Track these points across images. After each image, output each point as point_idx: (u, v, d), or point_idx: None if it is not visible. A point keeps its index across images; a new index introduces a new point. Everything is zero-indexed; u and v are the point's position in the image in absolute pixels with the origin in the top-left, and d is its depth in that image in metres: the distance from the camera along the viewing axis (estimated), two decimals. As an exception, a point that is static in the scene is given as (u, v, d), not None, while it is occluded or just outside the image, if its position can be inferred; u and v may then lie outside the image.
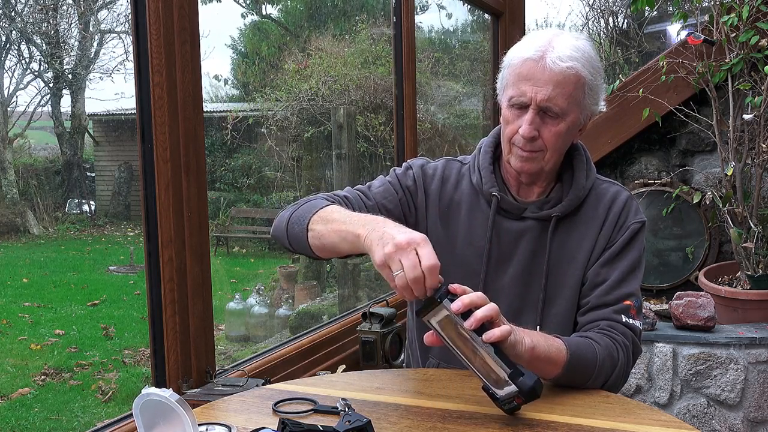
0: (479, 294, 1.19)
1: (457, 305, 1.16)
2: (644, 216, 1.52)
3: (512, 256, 1.49)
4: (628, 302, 1.43)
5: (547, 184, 1.52)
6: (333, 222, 1.34)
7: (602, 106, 1.49)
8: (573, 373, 1.32)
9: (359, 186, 1.57)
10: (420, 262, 1.16)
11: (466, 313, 1.16)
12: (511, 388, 1.16)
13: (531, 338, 1.26)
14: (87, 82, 13.81)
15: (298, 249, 1.44)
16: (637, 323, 1.44)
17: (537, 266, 1.48)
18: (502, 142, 1.49)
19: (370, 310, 2.40)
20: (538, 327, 1.45)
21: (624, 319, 1.42)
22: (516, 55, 1.44)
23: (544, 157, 1.44)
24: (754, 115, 3.12)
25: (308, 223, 1.38)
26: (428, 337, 1.23)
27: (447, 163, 1.59)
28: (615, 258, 1.46)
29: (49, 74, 13.49)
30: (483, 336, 1.16)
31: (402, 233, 1.20)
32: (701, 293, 3.06)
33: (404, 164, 1.61)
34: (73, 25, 13.20)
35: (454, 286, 1.19)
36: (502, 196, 1.50)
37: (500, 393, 1.18)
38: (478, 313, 1.16)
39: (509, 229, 1.50)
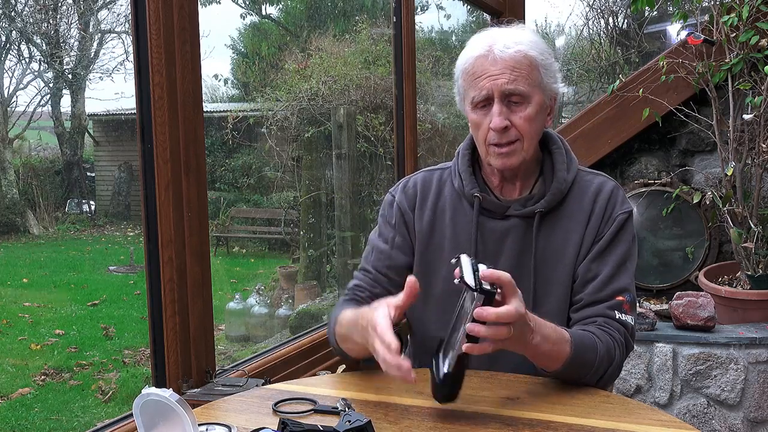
0: (508, 310, 1.16)
1: (480, 313, 1.14)
2: (631, 205, 1.51)
3: (499, 256, 1.49)
4: (620, 298, 1.43)
5: (528, 180, 1.52)
6: (348, 341, 1.42)
7: (562, 87, 1.50)
8: (572, 369, 1.32)
9: (364, 264, 1.58)
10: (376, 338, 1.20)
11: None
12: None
13: (541, 334, 1.26)
14: (87, 82, 13.82)
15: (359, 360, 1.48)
16: (629, 319, 1.43)
17: (524, 264, 1.47)
18: (478, 147, 1.50)
19: (370, 310, 2.40)
20: None
21: (617, 316, 1.41)
22: (465, 58, 1.46)
23: (522, 146, 1.44)
24: (754, 115, 3.11)
25: (338, 344, 1.48)
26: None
27: (425, 175, 1.60)
28: (604, 252, 1.45)
29: (49, 74, 13.49)
30: (464, 346, 1.15)
31: (368, 321, 1.25)
32: (701, 293, 3.05)
33: (387, 198, 1.61)
34: (73, 25, 13.21)
35: (485, 273, 1.16)
36: (484, 196, 1.49)
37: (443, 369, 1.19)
38: (483, 332, 1.15)
39: (494, 229, 1.49)
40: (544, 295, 1.47)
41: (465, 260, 1.17)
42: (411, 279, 1.23)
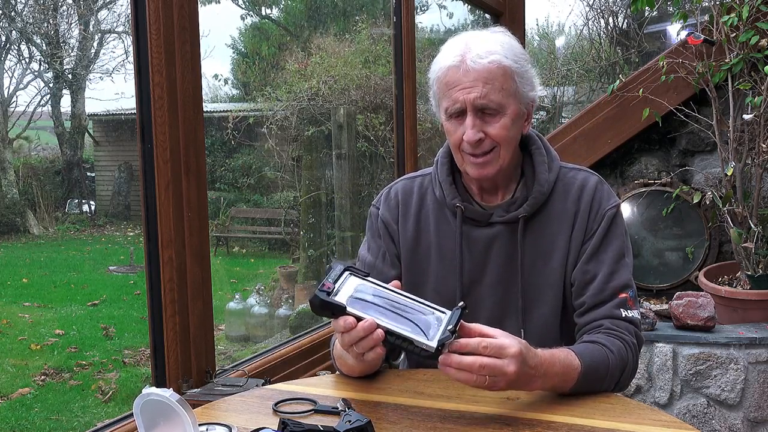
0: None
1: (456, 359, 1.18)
2: (618, 198, 1.49)
3: (486, 265, 1.46)
4: (623, 294, 1.41)
5: (510, 184, 1.49)
6: (342, 358, 1.39)
7: (540, 91, 1.46)
8: (583, 387, 1.30)
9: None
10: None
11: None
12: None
13: (543, 378, 1.24)
14: (87, 82, 13.84)
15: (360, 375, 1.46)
16: (635, 313, 1.41)
17: (512, 271, 1.45)
18: (454, 155, 1.47)
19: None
20: (522, 331, 1.43)
21: (623, 314, 1.39)
22: (438, 66, 1.42)
23: (499, 154, 1.41)
24: (754, 115, 3.11)
25: (337, 366, 1.45)
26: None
27: (405, 184, 1.57)
28: (598, 251, 1.43)
29: (49, 74, 13.50)
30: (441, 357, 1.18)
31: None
32: (701, 293, 3.05)
33: (371, 211, 1.59)
34: (73, 25, 13.23)
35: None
36: (466, 206, 1.47)
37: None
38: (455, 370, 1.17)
39: (478, 238, 1.47)
40: (535, 299, 1.45)
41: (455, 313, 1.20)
42: (395, 282, 1.26)
